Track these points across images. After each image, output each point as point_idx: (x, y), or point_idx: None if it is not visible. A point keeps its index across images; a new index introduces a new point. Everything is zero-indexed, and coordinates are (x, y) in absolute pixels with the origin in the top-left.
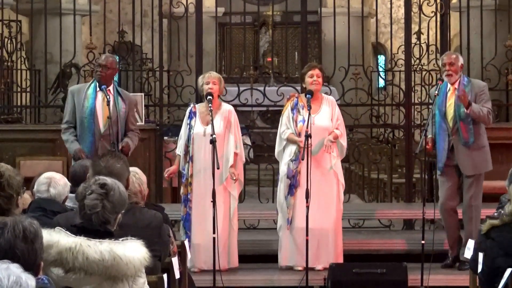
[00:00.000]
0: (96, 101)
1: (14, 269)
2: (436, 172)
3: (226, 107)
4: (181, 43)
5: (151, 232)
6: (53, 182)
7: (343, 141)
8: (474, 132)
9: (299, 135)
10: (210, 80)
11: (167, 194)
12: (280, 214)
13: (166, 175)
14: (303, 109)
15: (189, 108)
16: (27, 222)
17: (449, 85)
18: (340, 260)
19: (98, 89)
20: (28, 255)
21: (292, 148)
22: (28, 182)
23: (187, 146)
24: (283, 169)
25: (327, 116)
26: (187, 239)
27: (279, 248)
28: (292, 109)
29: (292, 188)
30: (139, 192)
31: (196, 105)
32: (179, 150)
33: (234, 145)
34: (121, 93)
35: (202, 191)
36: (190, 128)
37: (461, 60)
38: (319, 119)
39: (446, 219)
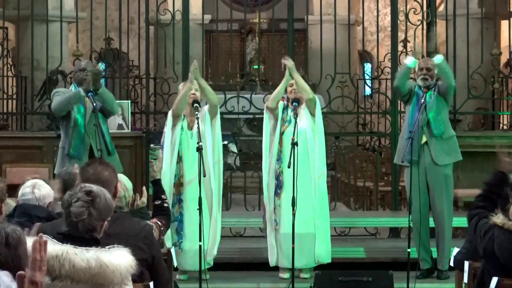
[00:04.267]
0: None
1: (5, 278)
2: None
3: (204, 108)
4: (168, 50)
5: (139, 242)
6: (36, 188)
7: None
8: (443, 122)
9: (282, 134)
10: (193, 87)
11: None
12: (267, 212)
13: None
14: (291, 112)
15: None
16: (9, 229)
17: (427, 92)
18: (328, 260)
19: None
20: (12, 261)
21: (275, 148)
22: (14, 189)
23: (174, 146)
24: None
25: (306, 120)
26: (177, 239)
27: (269, 249)
28: (283, 108)
29: (277, 189)
30: (123, 197)
31: None
32: (165, 150)
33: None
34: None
35: (193, 196)
36: (181, 128)
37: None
38: (300, 124)
39: (422, 224)
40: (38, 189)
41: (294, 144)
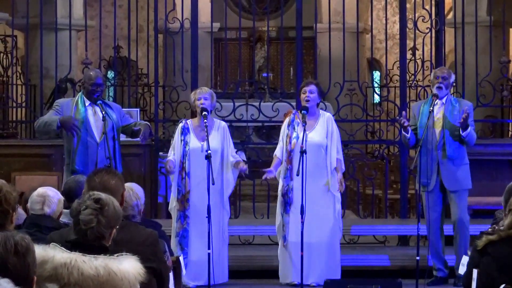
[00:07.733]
0: (88, 114)
1: (5, 285)
2: (420, 186)
3: (221, 123)
4: (177, 59)
5: (146, 249)
6: (47, 200)
7: (340, 156)
8: (459, 148)
9: (291, 152)
10: (201, 95)
11: (161, 210)
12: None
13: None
14: (298, 126)
15: (181, 124)
16: (18, 237)
17: (436, 100)
18: (337, 276)
19: (87, 103)
20: (21, 269)
21: (282, 167)
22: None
23: (182, 162)
24: (279, 186)
25: (321, 133)
26: (182, 255)
27: (279, 266)
28: (288, 126)
29: (287, 206)
30: (136, 206)
31: (188, 121)
32: (174, 159)
33: (232, 158)
34: (109, 104)
35: (200, 207)
36: (185, 144)
37: (453, 78)
38: (313, 136)
39: (434, 234)
40: (47, 206)
41: (302, 152)
